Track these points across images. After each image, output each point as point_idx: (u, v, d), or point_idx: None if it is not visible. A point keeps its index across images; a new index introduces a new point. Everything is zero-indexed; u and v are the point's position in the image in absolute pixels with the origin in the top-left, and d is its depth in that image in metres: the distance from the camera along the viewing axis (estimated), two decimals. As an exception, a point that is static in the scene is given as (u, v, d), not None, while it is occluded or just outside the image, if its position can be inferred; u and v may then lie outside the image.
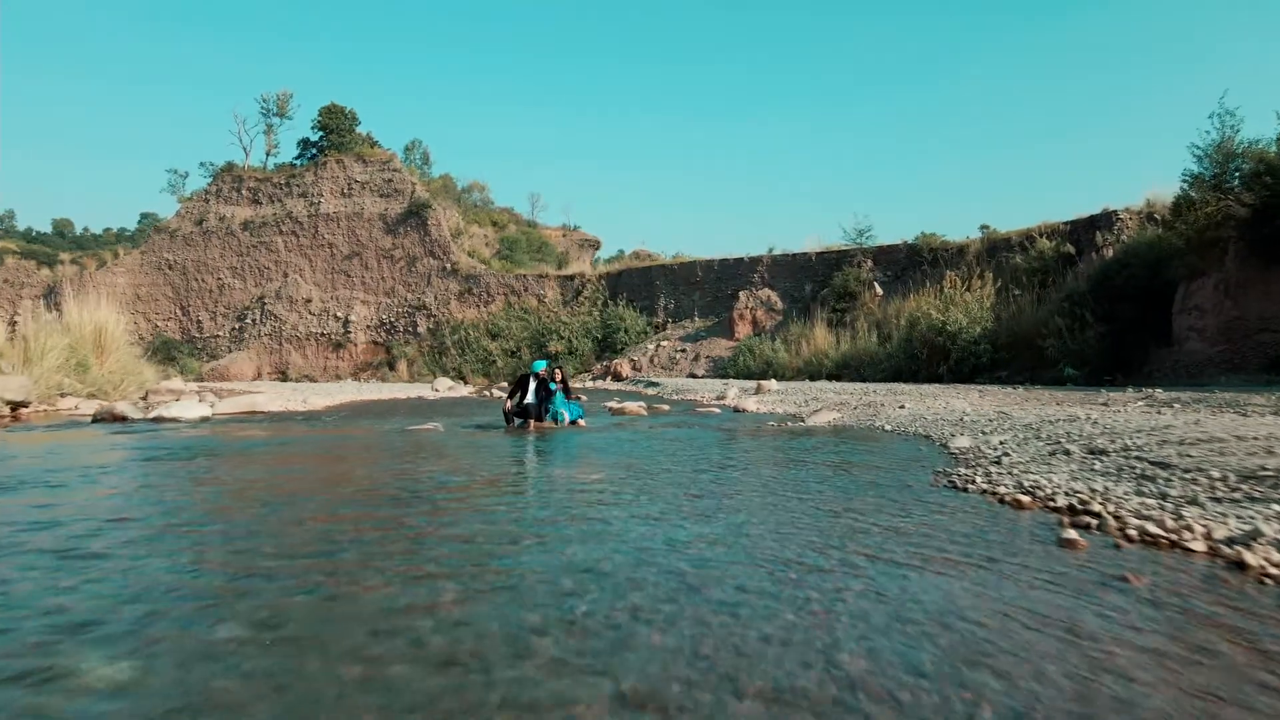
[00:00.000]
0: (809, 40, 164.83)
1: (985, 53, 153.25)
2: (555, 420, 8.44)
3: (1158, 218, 21.13)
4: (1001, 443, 5.35)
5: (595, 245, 56.30)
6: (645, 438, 7.10)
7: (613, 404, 13.25)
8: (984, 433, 6.09)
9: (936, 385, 17.79)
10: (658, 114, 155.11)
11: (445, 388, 22.47)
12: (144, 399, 13.24)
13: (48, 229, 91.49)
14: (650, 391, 21.87)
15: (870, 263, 30.26)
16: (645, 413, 10.47)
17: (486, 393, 21.01)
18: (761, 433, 7.52)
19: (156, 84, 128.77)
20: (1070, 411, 7.34)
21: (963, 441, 5.48)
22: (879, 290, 28.86)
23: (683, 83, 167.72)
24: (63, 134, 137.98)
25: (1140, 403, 8.56)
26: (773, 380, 15.41)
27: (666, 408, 11.89)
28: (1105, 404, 8.72)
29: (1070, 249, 21.38)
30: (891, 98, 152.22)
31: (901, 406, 9.08)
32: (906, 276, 28.95)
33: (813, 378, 25.03)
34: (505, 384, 38.74)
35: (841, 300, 29.42)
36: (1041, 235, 23.28)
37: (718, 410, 10.98)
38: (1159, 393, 9.69)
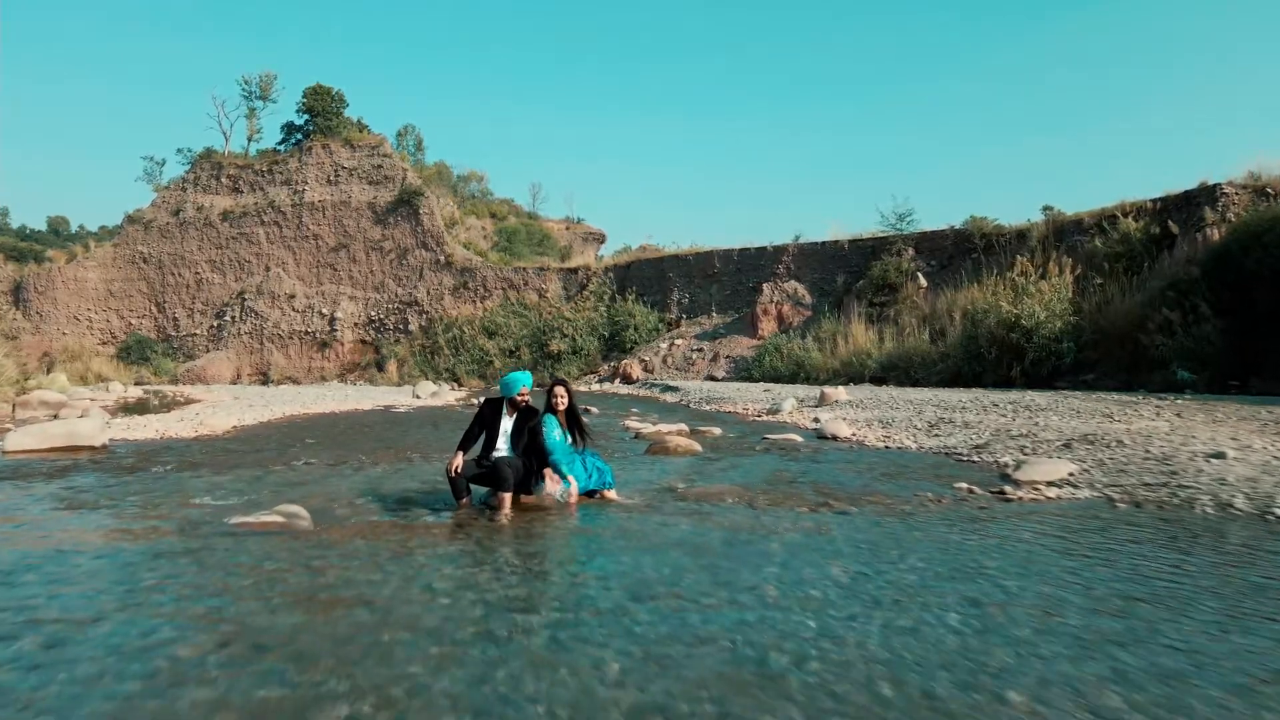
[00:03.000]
0: (819, 33, 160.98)
1: (989, 49, 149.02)
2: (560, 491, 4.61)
3: (1270, 191, 17.91)
4: None
5: (600, 239, 53.16)
6: (764, 553, 3.39)
7: (636, 422, 9.88)
8: None
9: (1037, 393, 14.44)
10: (665, 107, 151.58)
11: (427, 393, 19.23)
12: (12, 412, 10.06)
13: (42, 226, 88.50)
14: (670, 399, 18.58)
15: (911, 251, 26.94)
16: (697, 446, 7.00)
17: (475, 401, 17.66)
18: (1016, 536, 3.71)
19: (151, 75, 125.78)
20: None
21: None
22: (923, 281, 25.58)
23: (691, 75, 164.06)
24: (57, 131, 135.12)
25: None
26: (840, 387, 11.84)
27: (716, 431, 8.49)
28: None
29: (1172, 228, 18.03)
30: (901, 91, 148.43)
31: (1219, 456, 5.20)
32: (954, 266, 25.69)
33: (853, 381, 21.76)
34: (499, 390, 34.56)
35: (880, 293, 26.15)
36: (1125, 215, 19.96)
37: (797, 438, 7.61)
38: None
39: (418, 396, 18.72)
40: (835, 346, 24.17)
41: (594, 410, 12.48)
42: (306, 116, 42.58)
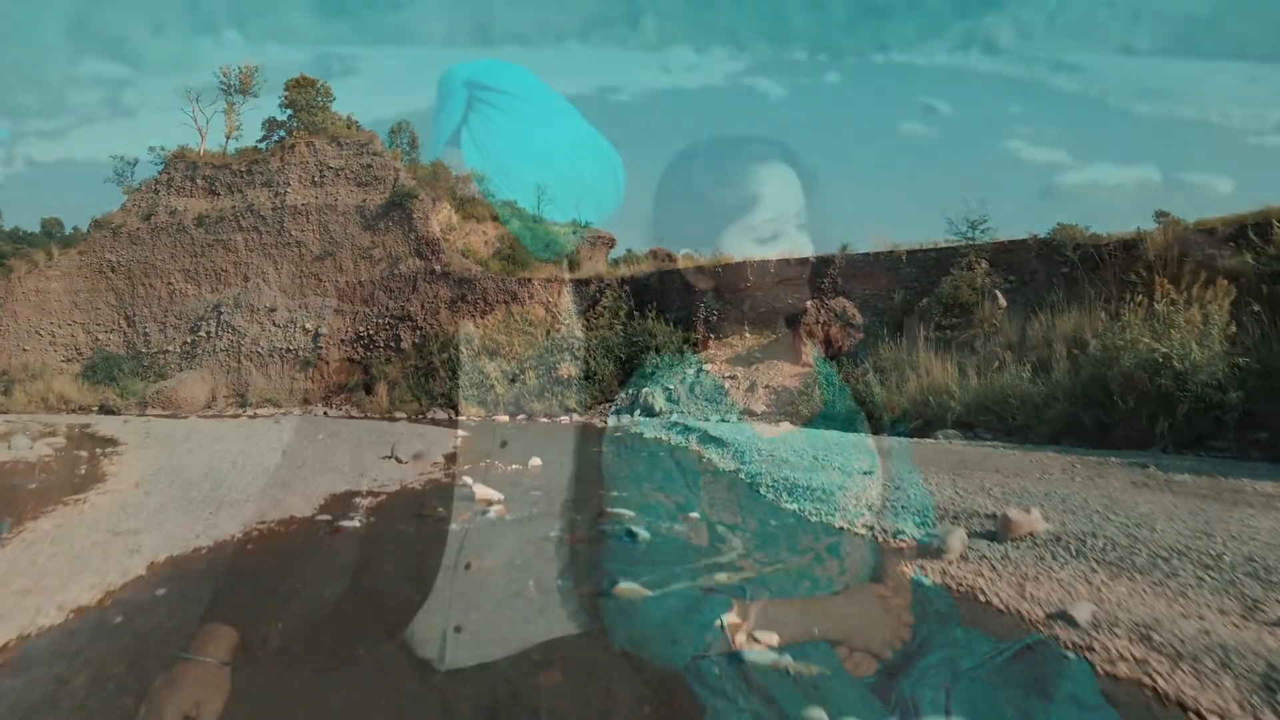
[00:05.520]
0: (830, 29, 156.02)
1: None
2: None
3: None
4: None
5: (609, 243, 49.12)
6: None
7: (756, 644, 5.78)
8: None
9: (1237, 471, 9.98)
10: (674, 100, 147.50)
11: (409, 456, 15.18)
12: None
13: (36, 228, 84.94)
14: (719, 461, 14.09)
15: (985, 264, 23.00)
16: None
17: (487, 464, 12.01)
18: None
19: (150, 70, 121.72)
20: None
21: None
22: (1002, 301, 21.63)
23: (697, 67, 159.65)
24: (49, 128, 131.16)
25: None
26: (1032, 510, 6.77)
27: None
28: None
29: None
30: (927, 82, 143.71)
31: None
32: (1036, 283, 21.82)
33: (930, 424, 17.79)
34: (506, 418, 28.62)
35: (949, 314, 22.21)
36: (1283, 223, 15.98)
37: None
38: None
39: (400, 461, 14.76)
40: (904, 380, 20.24)
41: (641, 534, 8.15)
42: (289, 111, 38.81)
